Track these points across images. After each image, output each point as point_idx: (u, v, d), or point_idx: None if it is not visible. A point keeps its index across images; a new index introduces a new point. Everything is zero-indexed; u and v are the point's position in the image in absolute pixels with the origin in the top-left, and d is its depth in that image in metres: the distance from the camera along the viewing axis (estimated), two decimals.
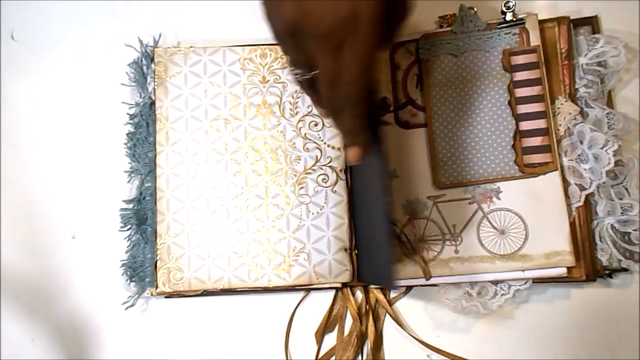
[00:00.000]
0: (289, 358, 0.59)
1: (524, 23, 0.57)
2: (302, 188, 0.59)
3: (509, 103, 0.56)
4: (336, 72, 0.41)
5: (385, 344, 0.58)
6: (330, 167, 0.60)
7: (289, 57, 0.45)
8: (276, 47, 0.61)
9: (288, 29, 0.40)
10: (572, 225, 0.54)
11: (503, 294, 0.55)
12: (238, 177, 0.60)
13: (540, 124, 0.55)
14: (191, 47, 0.62)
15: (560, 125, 0.56)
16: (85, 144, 0.64)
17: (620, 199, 0.55)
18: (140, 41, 0.63)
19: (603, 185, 0.54)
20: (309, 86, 0.46)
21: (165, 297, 0.59)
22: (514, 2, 0.57)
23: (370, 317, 0.57)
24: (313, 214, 0.59)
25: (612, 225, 0.54)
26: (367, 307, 0.58)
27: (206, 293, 0.59)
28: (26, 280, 0.62)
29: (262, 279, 0.58)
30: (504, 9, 0.57)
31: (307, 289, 0.59)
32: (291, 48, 0.43)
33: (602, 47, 0.56)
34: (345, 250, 0.58)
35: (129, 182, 0.61)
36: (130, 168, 0.62)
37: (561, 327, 0.56)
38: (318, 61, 0.41)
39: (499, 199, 0.56)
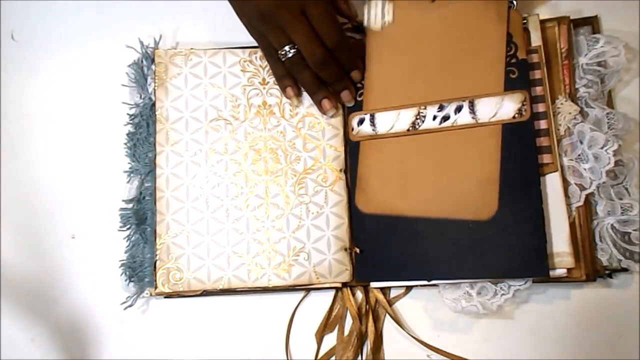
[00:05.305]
0: (289, 358, 0.58)
1: (525, 23, 0.57)
2: (302, 188, 0.59)
3: None
4: (311, 32, 0.53)
5: (385, 344, 0.58)
6: (329, 166, 0.60)
7: (269, 41, 0.55)
8: None
9: (262, 16, 0.53)
10: (572, 225, 0.54)
11: (503, 294, 0.55)
12: (238, 177, 0.60)
13: (540, 124, 0.55)
14: (192, 48, 0.62)
15: (560, 125, 0.56)
16: (86, 144, 0.64)
17: (620, 199, 0.54)
18: (141, 42, 0.63)
19: (603, 185, 0.54)
20: (295, 63, 0.55)
21: (165, 297, 0.59)
22: (514, 2, 0.57)
23: (370, 317, 0.57)
24: (313, 213, 0.59)
25: (612, 225, 0.54)
26: (367, 307, 0.58)
27: (206, 293, 0.59)
28: (26, 280, 0.62)
29: (262, 278, 0.58)
30: None
31: (307, 289, 0.59)
32: (269, 31, 0.54)
33: (602, 47, 0.56)
34: (345, 249, 0.58)
35: (128, 182, 0.61)
36: (130, 168, 0.62)
37: (561, 327, 0.56)
38: (293, 32, 0.53)
39: None
